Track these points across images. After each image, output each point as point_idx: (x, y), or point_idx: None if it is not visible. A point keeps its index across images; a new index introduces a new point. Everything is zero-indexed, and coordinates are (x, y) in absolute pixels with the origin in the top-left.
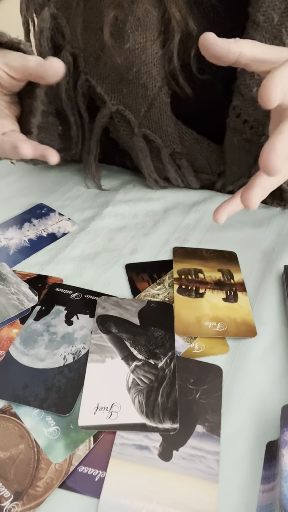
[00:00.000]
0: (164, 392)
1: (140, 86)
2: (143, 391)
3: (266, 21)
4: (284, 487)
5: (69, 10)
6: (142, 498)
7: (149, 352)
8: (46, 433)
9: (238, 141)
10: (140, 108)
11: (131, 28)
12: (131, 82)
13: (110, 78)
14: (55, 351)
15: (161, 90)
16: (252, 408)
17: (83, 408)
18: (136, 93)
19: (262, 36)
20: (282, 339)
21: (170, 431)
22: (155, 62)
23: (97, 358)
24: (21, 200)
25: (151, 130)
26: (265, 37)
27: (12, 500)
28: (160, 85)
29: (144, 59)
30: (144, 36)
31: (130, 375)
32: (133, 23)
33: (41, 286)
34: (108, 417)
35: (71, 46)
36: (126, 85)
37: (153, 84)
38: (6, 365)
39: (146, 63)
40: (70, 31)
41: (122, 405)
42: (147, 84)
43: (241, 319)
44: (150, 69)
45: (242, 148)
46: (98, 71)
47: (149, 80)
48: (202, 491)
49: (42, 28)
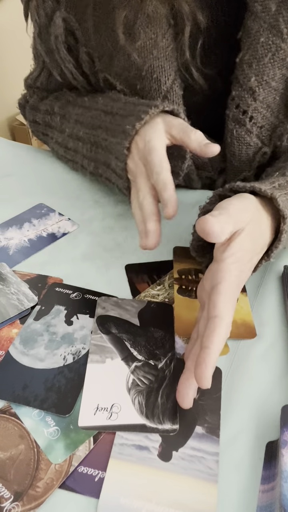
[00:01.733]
0: (164, 393)
1: (154, 81)
2: (143, 392)
3: (264, 11)
4: (284, 487)
5: (80, 13)
6: (141, 498)
7: (149, 353)
8: (46, 433)
9: (238, 133)
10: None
11: (141, 25)
12: (144, 77)
13: (124, 75)
14: (55, 351)
15: (174, 83)
16: (252, 408)
17: (83, 408)
18: (149, 87)
19: (259, 26)
20: (282, 340)
21: (170, 432)
22: (167, 56)
23: (97, 359)
24: (21, 200)
25: None
26: (262, 27)
27: (12, 500)
28: (173, 78)
29: (156, 54)
30: (154, 32)
31: (130, 375)
32: (143, 20)
33: (41, 286)
34: (108, 418)
35: (85, 47)
36: (140, 80)
37: (166, 77)
38: (6, 365)
39: (158, 58)
40: (82, 33)
41: (122, 406)
42: (160, 78)
43: (241, 320)
44: (162, 63)
45: (242, 140)
46: (113, 70)
47: (162, 74)
48: (201, 492)
49: (56, 33)
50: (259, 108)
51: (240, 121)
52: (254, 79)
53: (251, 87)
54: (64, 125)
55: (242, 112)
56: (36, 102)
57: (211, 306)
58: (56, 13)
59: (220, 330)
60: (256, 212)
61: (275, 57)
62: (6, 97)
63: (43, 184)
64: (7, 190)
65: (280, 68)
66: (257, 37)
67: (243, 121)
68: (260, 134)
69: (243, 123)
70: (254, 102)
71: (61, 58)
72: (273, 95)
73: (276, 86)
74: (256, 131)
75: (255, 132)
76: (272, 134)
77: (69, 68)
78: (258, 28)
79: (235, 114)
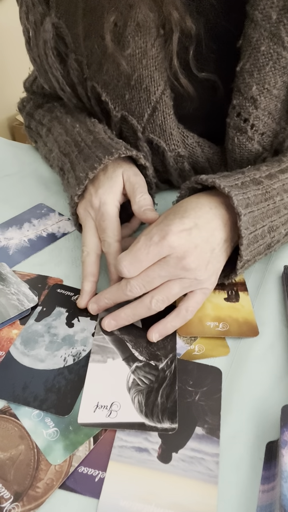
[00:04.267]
0: (164, 393)
1: (143, 91)
2: (143, 391)
3: (264, 19)
4: (284, 487)
5: (70, 19)
6: (141, 500)
7: (150, 354)
8: (45, 434)
9: (239, 141)
10: (143, 112)
11: (131, 34)
12: (133, 87)
13: (113, 84)
14: (55, 353)
15: (164, 93)
16: (252, 408)
17: (83, 405)
18: (139, 98)
19: (260, 34)
20: (282, 339)
21: (169, 431)
22: (156, 65)
23: (98, 359)
24: (21, 200)
25: (155, 134)
26: (263, 35)
27: (12, 501)
28: (162, 88)
29: (146, 63)
30: (144, 41)
31: (130, 375)
32: (132, 28)
33: (41, 286)
34: (108, 416)
35: (74, 54)
36: (129, 90)
37: (156, 87)
38: (6, 365)
39: (148, 67)
40: (72, 39)
41: (121, 404)
42: (150, 88)
43: (243, 319)
44: (151, 72)
45: (243, 147)
46: (101, 78)
47: (151, 84)
48: (201, 493)
49: (45, 39)
50: (260, 116)
51: (242, 129)
52: (255, 88)
53: (252, 96)
54: (48, 138)
55: (244, 120)
56: (32, 109)
57: None
58: (46, 18)
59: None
60: (209, 211)
61: (276, 66)
62: (6, 97)
63: (43, 184)
64: (7, 190)
65: (281, 76)
66: (257, 46)
67: (244, 129)
68: (261, 141)
69: (244, 130)
70: (255, 110)
71: (48, 65)
72: (275, 102)
73: (278, 93)
74: (258, 138)
75: (256, 139)
76: (273, 140)
77: (56, 76)
78: (259, 37)
79: (236, 122)
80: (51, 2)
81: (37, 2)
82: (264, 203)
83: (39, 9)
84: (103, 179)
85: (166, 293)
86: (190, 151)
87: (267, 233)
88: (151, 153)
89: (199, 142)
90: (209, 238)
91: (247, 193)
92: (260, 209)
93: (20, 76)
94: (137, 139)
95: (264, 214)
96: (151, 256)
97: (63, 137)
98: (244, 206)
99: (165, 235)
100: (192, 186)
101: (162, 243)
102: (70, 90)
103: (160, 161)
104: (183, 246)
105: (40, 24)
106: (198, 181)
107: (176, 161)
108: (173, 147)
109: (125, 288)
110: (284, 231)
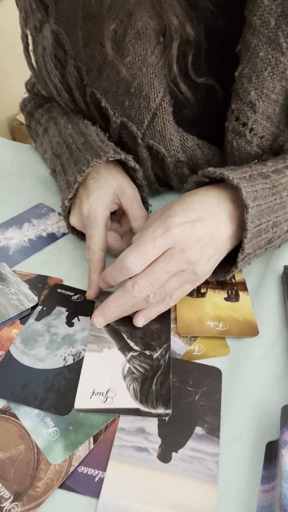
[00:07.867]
0: (159, 381)
1: (143, 98)
2: (138, 379)
3: (263, 25)
4: (284, 487)
5: (69, 26)
6: (141, 500)
7: (145, 344)
8: (45, 434)
9: (238, 144)
10: (143, 119)
11: (131, 42)
12: (133, 94)
13: (112, 91)
14: (55, 352)
15: (164, 100)
16: (252, 408)
17: (80, 392)
18: (138, 104)
19: (258, 40)
20: (282, 339)
21: (163, 416)
22: (156, 72)
23: (94, 348)
24: (21, 200)
25: (155, 140)
26: (261, 41)
27: (12, 500)
28: (162, 95)
29: (145, 71)
30: (144, 48)
31: (126, 364)
32: (132, 36)
33: (41, 286)
34: (104, 402)
35: (74, 60)
36: (128, 97)
37: (155, 94)
38: (6, 364)
39: (147, 75)
40: (72, 46)
41: (117, 391)
42: (149, 95)
43: (243, 318)
44: (151, 80)
45: (243, 150)
46: (101, 84)
47: (151, 91)
48: (201, 493)
49: (44, 45)
50: (259, 120)
51: (240, 132)
52: (254, 92)
53: (250, 100)
54: (44, 138)
55: (242, 124)
56: (33, 109)
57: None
58: (45, 25)
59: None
60: (217, 206)
61: (274, 71)
62: (6, 97)
63: (43, 184)
64: (7, 190)
65: (279, 81)
66: (256, 52)
67: (243, 133)
68: (260, 144)
69: (243, 134)
70: (254, 115)
71: (47, 71)
72: (273, 106)
73: (276, 98)
74: (257, 141)
75: (255, 142)
76: (273, 143)
77: (54, 82)
78: (257, 42)
79: (234, 126)
80: (50, 9)
81: (36, 9)
82: (271, 197)
83: (38, 16)
84: (94, 188)
85: (164, 288)
86: (190, 153)
87: (270, 228)
88: (150, 158)
89: (199, 144)
90: (214, 233)
91: (255, 186)
92: (267, 203)
93: (20, 76)
94: (137, 145)
95: (270, 209)
96: (157, 249)
97: (56, 138)
98: (252, 199)
99: (168, 227)
100: (199, 180)
101: (166, 235)
102: (68, 96)
103: (160, 166)
104: (186, 238)
105: (39, 30)
106: (206, 174)
107: (176, 167)
108: (172, 152)
109: (133, 290)
110: (286, 227)
